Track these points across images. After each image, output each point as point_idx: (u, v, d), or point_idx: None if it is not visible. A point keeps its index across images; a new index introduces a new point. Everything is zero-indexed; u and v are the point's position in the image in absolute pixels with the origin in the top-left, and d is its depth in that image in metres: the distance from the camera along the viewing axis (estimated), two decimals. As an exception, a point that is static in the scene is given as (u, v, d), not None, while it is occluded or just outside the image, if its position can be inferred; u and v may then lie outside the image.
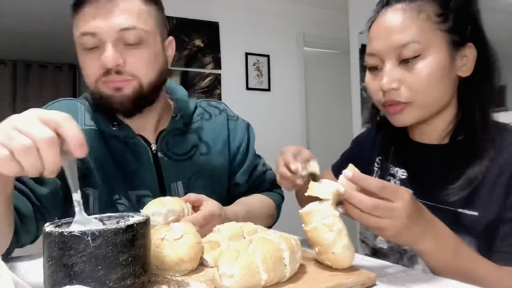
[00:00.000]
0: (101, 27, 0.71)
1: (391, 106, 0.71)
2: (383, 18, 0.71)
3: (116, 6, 0.72)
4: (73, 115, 0.74)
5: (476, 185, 0.67)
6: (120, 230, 0.46)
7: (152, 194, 0.83)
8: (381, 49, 0.70)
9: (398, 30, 0.67)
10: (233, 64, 3.35)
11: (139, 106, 0.79)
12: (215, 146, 0.94)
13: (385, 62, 0.70)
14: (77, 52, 0.77)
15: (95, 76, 0.75)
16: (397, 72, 0.68)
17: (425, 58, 0.67)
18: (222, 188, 0.97)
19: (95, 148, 0.81)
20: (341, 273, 0.56)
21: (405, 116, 0.71)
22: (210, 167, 0.92)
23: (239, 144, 0.99)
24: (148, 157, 0.84)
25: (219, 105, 1.03)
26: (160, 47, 0.80)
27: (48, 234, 0.46)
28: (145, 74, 0.76)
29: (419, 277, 0.58)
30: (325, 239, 0.56)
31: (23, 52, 4.48)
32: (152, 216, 0.67)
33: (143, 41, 0.75)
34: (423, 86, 0.67)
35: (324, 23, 3.78)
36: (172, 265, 0.57)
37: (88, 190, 0.82)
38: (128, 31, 0.72)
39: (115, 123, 0.82)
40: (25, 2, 3.22)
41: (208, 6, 3.22)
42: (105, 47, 0.72)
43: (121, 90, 0.75)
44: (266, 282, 0.50)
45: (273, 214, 1.04)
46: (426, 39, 0.66)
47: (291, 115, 3.63)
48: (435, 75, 0.67)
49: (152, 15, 0.77)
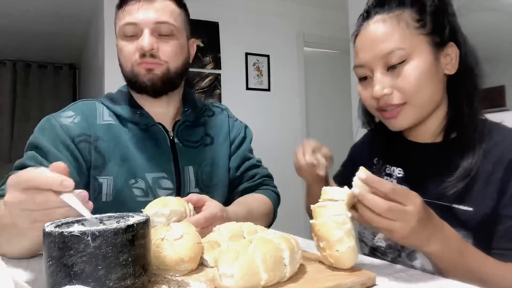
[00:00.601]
0: (141, 19, 0.87)
1: (386, 112, 0.74)
2: (366, 31, 0.75)
3: (154, 4, 0.88)
4: (92, 113, 0.92)
5: (472, 179, 0.69)
6: (120, 230, 0.46)
7: (167, 176, 0.93)
8: (368, 60, 0.73)
9: (382, 40, 0.71)
10: (233, 64, 3.35)
11: (166, 87, 0.92)
12: (218, 138, 1.05)
13: (374, 71, 0.73)
14: (116, 40, 0.92)
15: (132, 59, 0.88)
16: (387, 78, 0.72)
17: (411, 62, 0.70)
18: (224, 176, 1.04)
19: (112, 139, 0.90)
20: (341, 273, 0.56)
21: (402, 119, 0.74)
22: (214, 156, 1.03)
23: (235, 137, 1.10)
24: (166, 142, 0.95)
25: (221, 105, 1.15)
26: (185, 43, 0.95)
27: (48, 234, 0.46)
28: (173, 61, 0.90)
29: (419, 277, 0.58)
30: (332, 235, 0.56)
31: (23, 52, 4.47)
32: (154, 217, 0.67)
33: (173, 34, 0.90)
34: (414, 87, 0.70)
35: (324, 23, 3.78)
36: (172, 265, 0.57)
37: (102, 179, 0.88)
38: (162, 24, 0.88)
39: (138, 112, 0.94)
40: (25, 2, 3.22)
41: (208, 6, 3.22)
42: (143, 35, 0.86)
43: (153, 71, 0.88)
44: (266, 282, 0.50)
45: (271, 213, 1.06)
46: (409, 44, 0.70)
47: (291, 115, 3.63)
48: (423, 76, 0.70)
49: (181, 16, 0.93)
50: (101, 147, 0.89)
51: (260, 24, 3.51)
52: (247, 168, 1.08)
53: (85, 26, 3.74)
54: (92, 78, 3.71)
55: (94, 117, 0.92)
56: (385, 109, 0.74)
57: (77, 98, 4.89)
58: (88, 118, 0.91)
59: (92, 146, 0.88)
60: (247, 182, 1.07)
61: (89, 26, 3.72)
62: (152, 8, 0.88)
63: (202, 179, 0.99)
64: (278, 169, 1.65)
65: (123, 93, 0.98)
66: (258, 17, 3.50)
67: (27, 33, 3.93)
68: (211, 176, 1.00)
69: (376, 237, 0.83)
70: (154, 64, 0.88)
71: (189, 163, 0.97)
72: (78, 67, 4.94)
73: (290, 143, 3.59)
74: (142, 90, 0.91)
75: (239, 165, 1.07)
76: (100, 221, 0.55)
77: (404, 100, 0.71)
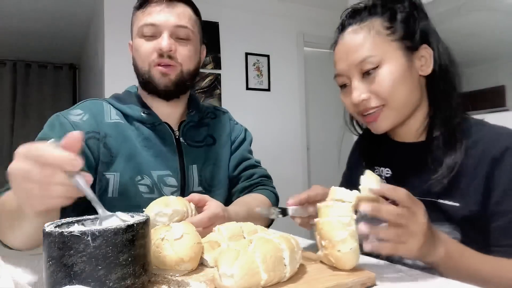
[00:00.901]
0: (162, 21, 0.91)
1: (367, 116, 0.78)
2: (341, 42, 0.80)
3: (175, 9, 0.93)
4: (100, 111, 0.94)
5: (456, 174, 0.71)
6: (120, 230, 0.46)
7: (172, 174, 0.95)
8: (345, 68, 0.78)
9: (355, 49, 0.76)
10: (233, 64, 3.35)
11: (179, 90, 0.96)
12: (220, 140, 1.08)
13: (351, 79, 0.78)
14: (133, 40, 0.97)
15: (149, 58, 0.92)
16: (363, 85, 0.76)
17: (383, 67, 0.74)
18: (225, 176, 1.07)
19: (120, 137, 0.93)
20: (341, 273, 0.56)
21: (382, 122, 0.77)
22: (216, 157, 1.06)
23: (235, 138, 1.13)
24: (172, 141, 0.98)
25: (222, 109, 1.19)
26: (198, 48, 1.00)
27: (48, 234, 0.46)
28: (187, 64, 0.95)
29: (419, 277, 0.58)
30: (336, 235, 0.56)
31: (23, 52, 4.47)
32: (157, 217, 0.68)
33: (189, 38, 0.94)
34: (389, 90, 0.74)
35: (324, 23, 3.77)
36: (172, 265, 0.57)
37: (109, 174, 0.90)
38: (181, 28, 0.92)
39: (145, 112, 0.97)
40: (25, 2, 3.22)
41: (208, 6, 3.22)
42: (162, 36, 0.90)
43: (168, 75, 0.92)
44: (266, 282, 0.50)
45: None
46: (380, 51, 0.74)
47: (291, 115, 3.63)
48: (397, 79, 0.74)
49: (197, 23, 0.99)
50: (109, 144, 0.91)
51: (260, 24, 3.51)
52: (245, 167, 1.10)
53: (85, 26, 3.75)
54: (92, 78, 3.71)
55: (102, 116, 0.94)
56: (365, 113, 0.78)
57: (77, 98, 4.90)
58: (96, 116, 0.93)
59: (101, 143, 0.90)
60: (245, 181, 1.08)
61: (89, 26, 3.72)
62: (173, 12, 0.92)
63: (205, 178, 1.01)
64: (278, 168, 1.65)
65: (131, 94, 1.01)
66: (258, 17, 3.50)
67: (27, 33, 3.93)
68: (213, 175, 1.03)
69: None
70: (170, 67, 0.92)
71: (193, 162, 1.00)
72: (78, 67, 4.95)
73: (290, 143, 3.60)
74: (155, 92, 0.95)
75: (237, 164, 1.09)
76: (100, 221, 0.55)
77: (381, 102, 0.75)
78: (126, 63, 3.53)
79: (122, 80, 2.81)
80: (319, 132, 3.84)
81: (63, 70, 4.88)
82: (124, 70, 2.98)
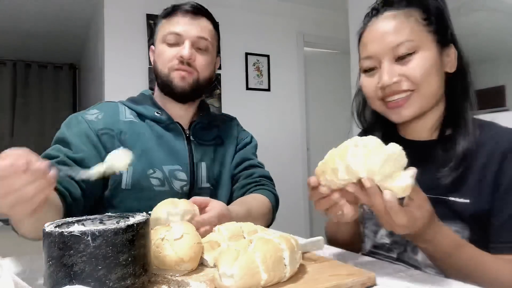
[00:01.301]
0: (185, 31, 1.00)
1: (392, 102, 0.76)
2: (375, 25, 0.78)
3: (198, 22, 1.02)
4: (115, 111, 1.02)
5: (466, 171, 0.71)
6: (120, 230, 0.46)
7: (182, 169, 1.01)
8: (377, 51, 0.76)
9: (393, 32, 0.75)
10: (233, 64, 3.35)
11: (194, 94, 1.04)
12: (227, 141, 1.14)
13: (382, 62, 0.76)
14: (155, 45, 1.05)
15: (170, 63, 1.00)
16: (395, 68, 0.75)
17: (419, 53, 0.74)
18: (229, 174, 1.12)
19: (134, 134, 1.00)
20: (341, 273, 0.56)
21: (408, 108, 0.76)
22: (223, 157, 1.12)
23: (240, 140, 1.18)
24: (183, 139, 1.05)
25: (230, 116, 1.26)
26: (214, 58, 1.09)
27: (48, 234, 0.46)
28: (203, 72, 1.03)
29: (419, 277, 0.58)
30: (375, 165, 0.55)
31: (23, 52, 4.46)
32: (169, 216, 0.70)
33: (208, 49, 1.03)
34: (422, 76, 0.74)
35: (324, 23, 3.78)
36: (172, 265, 0.57)
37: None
38: (202, 40, 1.01)
39: (159, 112, 1.04)
40: (25, 2, 3.22)
41: (208, 6, 3.21)
42: (184, 45, 0.99)
43: (185, 79, 1.00)
44: (266, 282, 0.50)
45: (270, 212, 1.08)
46: (417, 38, 0.74)
47: (291, 115, 3.63)
48: (430, 68, 0.74)
49: (216, 37, 1.08)
50: (124, 140, 0.97)
51: (260, 24, 3.51)
52: (247, 166, 1.13)
53: (85, 26, 3.74)
54: (92, 78, 3.70)
55: (117, 115, 1.02)
56: (391, 99, 0.76)
57: (77, 98, 4.89)
58: (111, 115, 1.00)
59: (115, 140, 0.96)
60: (246, 178, 1.11)
61: (89, 26, 3.72)
62: (196, 24, 1.01)
63: (213, 175, 1.06)
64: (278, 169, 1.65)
65: (146, 96, 1.09)
66: (258, 17, 3.50)
67: (27, 33, 3.93)
68: (220, 174, 1.09)
69: (378, 233, 0.83)
70: (188, 72, 1.00)
71: (202, 159, 1.06)
72: (78, 67, 4.94)
73: (290, 143, 3.59)
74: (172, 94, 1.03)
75: (239, 163, 1.13)
76: (100, 221, 0.55)
77: (412, 87, 0.74)
78: (126, 63, 3.52)
79: (122, 80, 2.81)
80: (319, 132, 3.84)
81: (63, 70, 4.87)
82: (124, 70, 3.00)
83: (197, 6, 1.04)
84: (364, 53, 0.80)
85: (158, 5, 3.09)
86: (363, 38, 0.81)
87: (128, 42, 2.90)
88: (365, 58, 0.79)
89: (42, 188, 0.55)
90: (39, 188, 0.54)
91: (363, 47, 0.80)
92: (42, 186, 0.55)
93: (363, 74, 0.81)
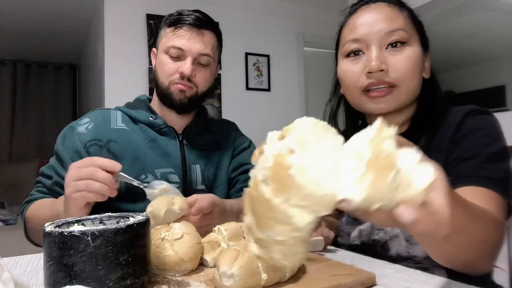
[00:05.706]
0: (189, 47, 1.00)
1: (374, 91, 0.75)
2: (367, 10, 0.77)
3: (202, 37, 1.01)
4: (106, 119, 1.05)
5: (428, 152, 0.71)
6: (120, 230, 0.46)
7: (175, 171, 1.03)
8: (367, 35, 0.75)
9: (386, 19, 0.74)
10: (233, 64, 3.35)
11: (191, 106, 1.06)
12: (223, 146, 1.15)
13: (370, 47, 0.75)
14: (158, 51, 1.06)
15: (171, 77, 1.01)
16: (385, 55, 0.74)
17: (408, 47, 0.74)
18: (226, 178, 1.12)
19: (125, 142, 1.02)
20: (341, 273, 0.56)
21: (388, 102, 0.75)
22: (219, 160, 1.12)
23: (238, 145, 1.18)
24: (175, 142, 1.06)
25: (229, 121, 1.27)
26: (215, 69, 1.10)
27: (48, 234, 0.46)
28: (203, 86, 1.05)
29: (419, 277, 0.59)
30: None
31: (23, 52, 4.46)
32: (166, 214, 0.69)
33: (209, 64, 1.04)
34: (409, 70, 0.74)
35: (324, 23, 3.77)
36: (172, 265, 0.57)
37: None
38: (204, 56, 1.02)
39: (152, 117, 1.06)
40: (25, 2, 3.22)
41: (208, 6, 3.21)
42: (186, 61, 1.00)
43: (184, 92, 1.02)
44: (266, 282, 0.50)
45: None
46: (409, 31, 0.75)
47: (291, 115, 3.60)
48: (416, 65, 0.75)
49: (218, 49, 1.09)
50: (114, 149, 0.99)
51: (260, 24, 3.51)
52: (244, 170, 1.13)
53: (85, 26, 3.74)
54: (92, 78, 3.70)
55: (108, 123, 1.03)
56: (374, 87, 0.75)
57: (77, 98, 4.89)
58: (102, 124, 1.02)
59: (104, 149, 0.98)
60: (243, 182, 1.11)
61: (89, 26, 3.72)
62: (200, 40, 1.01)
63: (208, 177, 1.07)
64: (278, 169, 1.65)
65: (141, 101, 1.11)
66: (258, 17, 3.50)
67: (27, 33, 3.93)
68: (216, 176, 1.09)
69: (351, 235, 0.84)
70: (187, 87, 1.02)
71: (195, 162, 1.06)
72: (78, 67, 4.94)
73: (290, 143, 3.59)
74: (170, 105, 1.04)
75: (237, 167, 1.14)
76: (100, 221, 0.55)
77: (396, 82, 0.74)
78: (126, 63, 3.52)
79: (122, 79, 2.81)
80: (319, 132, 3.84)
81: (63, 70, 4.88)
82: (124, 70, 3.00)
83: (202, 19, 1.03)
84: (350, 36, 0.77)
85: (158, 5, 3.11)
86: (353, 19, 0.79)
87: (128, 42, 2.90)
88: (351, 40, 0.77)
89: (104, 190, 0.74)
90: (102, 189, 0.74)
91: (350, 31, 0.78)
92: (106, 191, 0.74)
93: (345, 60, 0.79)
